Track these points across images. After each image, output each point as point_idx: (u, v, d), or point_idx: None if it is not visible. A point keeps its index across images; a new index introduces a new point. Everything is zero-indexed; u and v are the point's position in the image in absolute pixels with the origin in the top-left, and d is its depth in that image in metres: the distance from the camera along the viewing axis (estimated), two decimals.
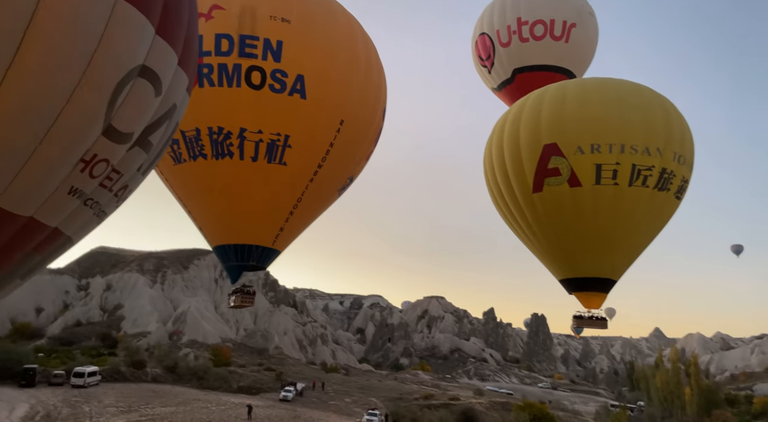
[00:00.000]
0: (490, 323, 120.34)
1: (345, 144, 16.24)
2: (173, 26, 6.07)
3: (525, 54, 29.02)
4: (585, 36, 29.31)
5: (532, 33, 28.60)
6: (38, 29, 4.68)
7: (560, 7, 28.83)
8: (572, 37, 28.60)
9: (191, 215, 17.30)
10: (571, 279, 20.08)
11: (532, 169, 18.25)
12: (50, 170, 5.40)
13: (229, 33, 14.37)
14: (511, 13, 29.29)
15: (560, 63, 29.10)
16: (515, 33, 28.96)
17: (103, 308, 54.85)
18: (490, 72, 31.12)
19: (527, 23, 28.66)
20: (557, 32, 28.47)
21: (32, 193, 5.42)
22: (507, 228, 22.30)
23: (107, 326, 51.07)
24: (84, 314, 52.94)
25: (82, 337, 48.14)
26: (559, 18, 28.49)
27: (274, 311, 63.18)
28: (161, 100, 6.18)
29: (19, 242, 5.73)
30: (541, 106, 18.63)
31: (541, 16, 28.56)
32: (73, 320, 51.95)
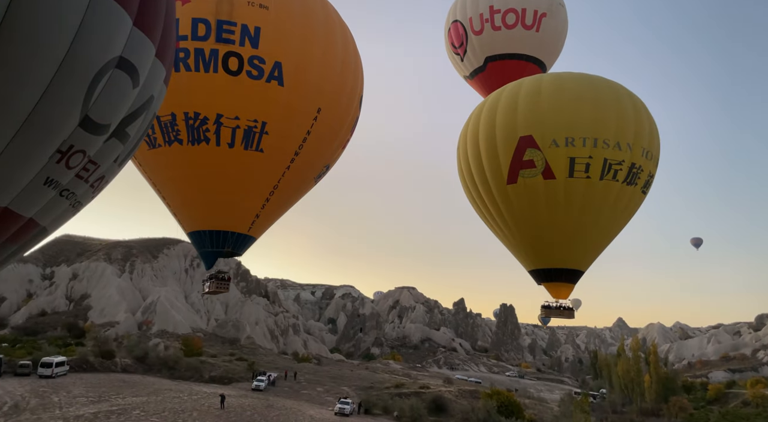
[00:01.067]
0: (460, 313, 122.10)
1: (322, 132, 16.34)
2: (151, 18, 6.06)
3: (497, 42, 29.61)
4: (555, 26, 29.99)
5: (504, 21, 29.19)
6: (15, 19, 4.65)
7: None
8: (543, 27, 29.27)
9: (165, 201, 17.14)
10: (541, 270, 20.45)
11: (508, 161, 18.47)
12: (26, 161, 5.38)
13: (206, 18, 14.25)
14: (484, 1, 29.83)
15: (531, 52, 29.78)
16: (487, 21, 29.52)
17: (69, 298, 53.49)
18: (462, 59, 31.58)
19: (499, 11, 29.27)
20: (528, 21, 29.10)
21: (7, 183, 5.41)
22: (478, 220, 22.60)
23: (73, 316, 49.84)
24: (49, 304, 51.54)
25: (47, 327, 46.86)
26: (530, 7, 29.14)
27: (245, 301, 62.75)
28: (138, 91, 6.19)
29: None
30: (517, 98, 18.85)
31: (512, 5, 29.18)
32: (38, 310, 50.53)
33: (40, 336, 44.67)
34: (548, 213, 18.70)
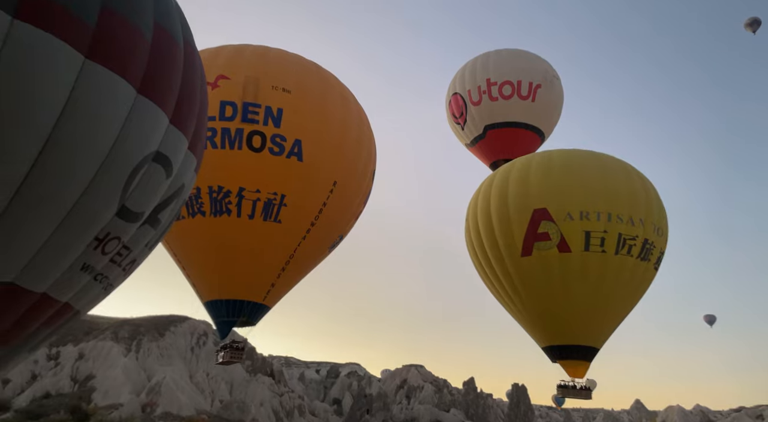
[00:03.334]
0: (471, 393, 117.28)
1: (337, 204, 17.26)
2: (185, 115, 6.64)
3: (495, 111, 31.68)
4: (550, 96, 32.07)
5: (501, 92, 31.32)
6: (65, 123, 5.10)
7: (526, 69, 31.84)
8: (538, 97, 31.30)
9: (185, 271, 17.74)
10: (555, 346, 20.06)
11: (522, 233, 18.56)
12: (67, 249, 5.77)
13: (233, 100, 15.65)
14: (481, 75, 32.27)
15: (528, 120, 31.71)
16: (485, 93, 31.74)
17: (74, 378, 52.32)
18: (463, 128, 33.64)
19: (496, 84, 31.50)
20: (524, 92, 31.16)
21: (48, 270, 5.75)
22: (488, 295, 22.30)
23: (78, 398, 48.38)
24: (53, 385, 50.35)
25: (50, 410, 45.45)
26: (525, 79, 31.29)
27: (250, 381, 61.08)
28: (171, 181, 6.64)
29: (31, 317, 5.99)
30: (529, 172, 19.33)
31: (508, 78, 31.41)
32: (42, 391, 49.30)
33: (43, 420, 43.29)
34: (563, 286, 18.67)
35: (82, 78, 5.20)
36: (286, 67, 16.87)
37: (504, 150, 32.06)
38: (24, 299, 5.71)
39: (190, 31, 7.26)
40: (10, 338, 5.99)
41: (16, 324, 5.88)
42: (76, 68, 5.15)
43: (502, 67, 31.81)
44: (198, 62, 7.36)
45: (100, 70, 5.33)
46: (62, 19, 5.06)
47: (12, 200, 5.07)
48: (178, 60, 6.51)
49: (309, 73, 17.29)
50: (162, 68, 6.14)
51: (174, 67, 6.41)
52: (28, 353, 6.92)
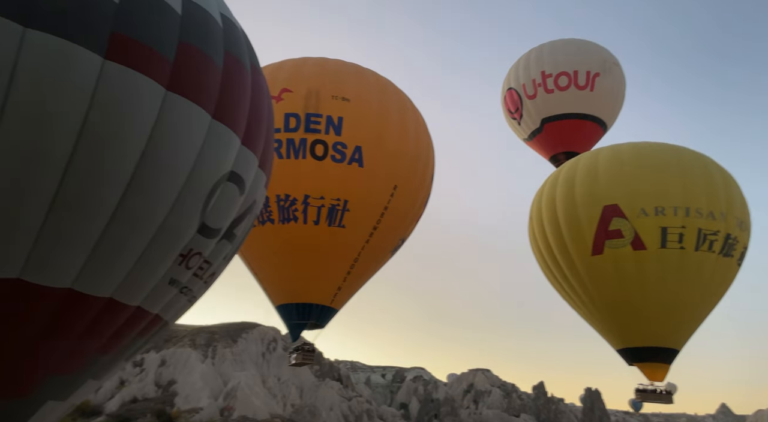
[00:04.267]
0: (541, 398, 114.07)
1: (398, 207, 17.64)
2: (255, 135, 7.11)
3: (551, 104, 30.68)
4: (610, 85, 30.66)
5: (557, 84, 30.32)
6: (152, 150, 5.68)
7: (582, 58, 30.62)
8: (597, 86, 30.01)
9: (257, 277, 18.62)
10: (632, 348, 19.23)
11: (592, 231, 18.04)
12: (156, 265, 6.31)
13: (297, 112, 16.41)
14: (535, 68, 31.39)
15: (587, 111, 30.45)
16: (540, 85, 30.83)
17: (158, 384, 55.70)
18: (519, 123, 32.87)
19: (551, 76, 30.54)
20: (581, 82, 30.00)
21: (141, 285, 6.30)
22: (555, 295, 21.64)
23: (162, 402, 51.56)
24: (140, 390, 53.82)
25: (138, 414, 48.76)
26: (582, 69, 30.14)
27: (319, 385, 62.46)
28: (244, 198, 7.13)
29: (127, 328, 6.55)
30: (596, 167, 18.72)
31: (564, 68, 30.38)
32: (130, 396, 52.85)
33: None
34: (639, 285, 17.97)
35: (165, 108, 5.74)
36: (345, 76, 17.44)
37: (563, 142, 31.16)
38: (121, 312, 6.25)
39: (255, 55, 7.76)
40: (109, 347, 6.53)
41: (115, 334, 6.43)
42: (159, 100, 5.68)
43: (557, 58, 30.88)
44: (263, 84, 7.83)
45: (179, 100, 5.86)
46: (145, 56, 5.60)
47: (110, 222, 5.59)
48: (247, 84, 6.99)
49: (367, 82, 17.80)
50: (233, 93, 6.64)
51: (243, 91, 6.90)
52: (125, 361, 7.53)
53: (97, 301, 5.90)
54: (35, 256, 5.26)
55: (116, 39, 5.39)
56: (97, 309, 5.96)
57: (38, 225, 5.18)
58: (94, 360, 6.48)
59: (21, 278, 5.28)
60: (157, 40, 5.76)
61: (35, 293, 5.41)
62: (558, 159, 31.75)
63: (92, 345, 6.29)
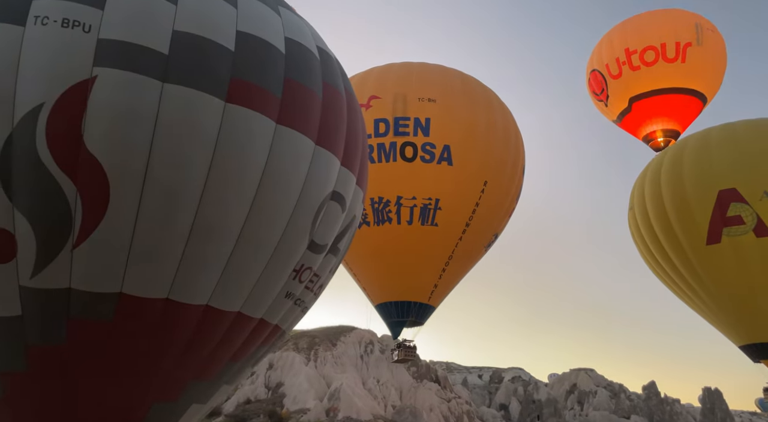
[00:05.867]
0: (653, 399, 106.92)
1: (489, 203, 17.63)
2: (352, 156, 7.72)
3: (638, 81, 28.80)
4: (704, 53, 28.16)
5: (643, 59, 28.39)
6: (268, 177, 6.38)
7: (669, 29, 28.39)
8: (689, 57, 27.75)
9: (356, 278, 19.33)
10: (758, 344, 17.72)
11: (707, 219, 16.91)
12: (275, 281, 6.97)
13: (385, 117, 16.97)
14: (618, 46, 29.57)
15: (680, 84, 28.27)
16: (624, 64, 28.99)
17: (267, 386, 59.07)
18: (606, 105, 31.21)
19: (636, 52, 28.64)
20: (670, 54, 27.90)
21: (263, 299, 6.97)
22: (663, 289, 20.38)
23: (272, 403, 54.76)
24: (252, 392, 57.43)
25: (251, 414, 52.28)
26: (670, 40, 27.98)
27: (418, 387, 63.03)
28: (345, 214, 7.71)
29: (253, 338, 7.25)
30: (708, 149, 17.69)
31: (650, 42, 28.34)
32: (244, 398, 56.57)
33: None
34: (765, 275, 16.59)
35: (276, 140, 6.37)
36: (430, 78, 17.76)
37: (656, 120, 29.19)
38: (248, 324, 6.94)
39: (348, 80, 8.40)
40: (239, 355, 7.23)
41: (244, 344, 7.14)
42: (271, 133, 6.39)
43: (641, 32, 28.90)
44: (357, 106, 8.46)
45: (288, 132, 6.56)
46: (258, 96, 6.31)
47: (236, 245, 6.30)
48: (343, 110, 7.62)
49: (451, 81, 17.99)
50: (332, 120, 7.30)
51: (341, 117, 7.54)
52: (251, 367, 8.32)
53: (228, 315, 6.62)
54: (179, 279, 6.03)
55: (234, 84, 6.13)
56: (229, 322, 6.68)
57: (180, 251, 5.95)
58: (227, 367, 7.21)
59: (169, 298, 6.05)
60: (267, 80, 6.48)
61: (180, 310, 6.17)
62: (651, 138, 29.90)
63: (226, 354, 7.01)
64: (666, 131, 29.70)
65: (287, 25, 7.15)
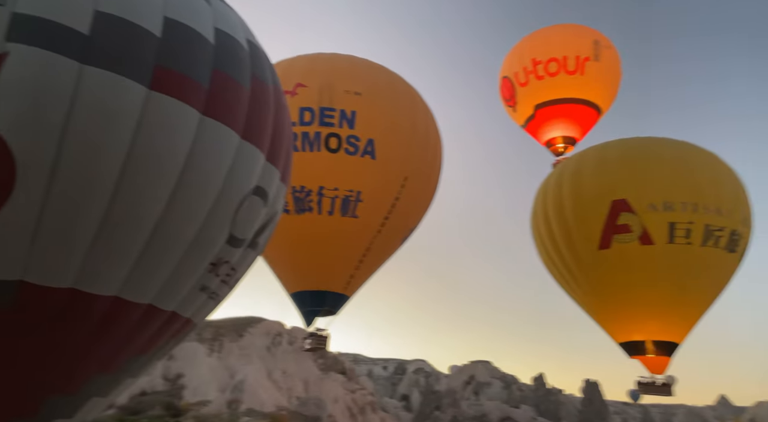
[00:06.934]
0: (541, 390, 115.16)
1: (408, 198, 18.21)
2: (277, 151, 7.66)
3: (542, 90, 31.20)
4: (601, 68, 30.79)
5: (547, 70, 30.72)
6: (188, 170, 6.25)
7: (571, 43, 30.88)
8: (587, 70, 30.24)
9: (271, 265, 19.14)
10: (634, 342, 19.40)
11: (600, 225, 18.17)
12: (190, 274, 6.86)
13: (311, 106, 16.91)
14: (527, 56, 31.89)
15: (578, 95, 30.75)
16: (531, 73, 31.29)
17: (166, 377, 56.39)
18: (515, 111, 33.51)
19: (541, 62, 30.94)
20: (571, 67, 30.21)
21: (176, 292, 6.85)
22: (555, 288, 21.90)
23: (170, 395, 52.25)
24: (148, 383, 54.40)
25: (147, 406, 49.34)
26: (571, 54, 30.34)
27: (324, 378, 63.28)
28: (267, 209, 7.67)
29: (162, 331, 7.10)
30: (605, 161, 18.95)
31: (553, 55, 30.67)
32: (139, 390, 53.32)
33: (141, 416, 46.91)
34: (645, 280, 18.17)
35: (200, 131, 6.25)
36: (357, 71, 17.94)
37: (556, 127, 31.68)
38: (158, 317, 6.78)
39: (276, 75, 8.33)
40: (147, 349, 7.08)
41: (152, 337, 6.98)
42: (195, 124, 6.23)
43: (547, 44, 31.26)
44: (284, 102, 8.44)
45: (213, 124, 6.37)
46: (184, 86, 6.13)
47: (151, 236, 6.12)
48: (270, 105, 7.54)
49: (378, 76, 18.32)
50: (259, 115, 7.21)
51: (268, 111, 7.46)
52: (157, 360, 8.12)
53: (138, 307, 6.44)
54: (88, 268, 5.80)
55: (159, 71, 5.95)
56: (138, 315, 6.50)
57: (89, 240, 5.71)
58: (133, 360, 7.03)
59: (75, 287, 5.80)
60: (194, 70, 6.35)
61: (87, 300, 5.95)
62: (551, 144, 32.24)
63: (133, 347, 6.83)
64: (565, 138, 32.21)
65: (217, 15, 7.04)
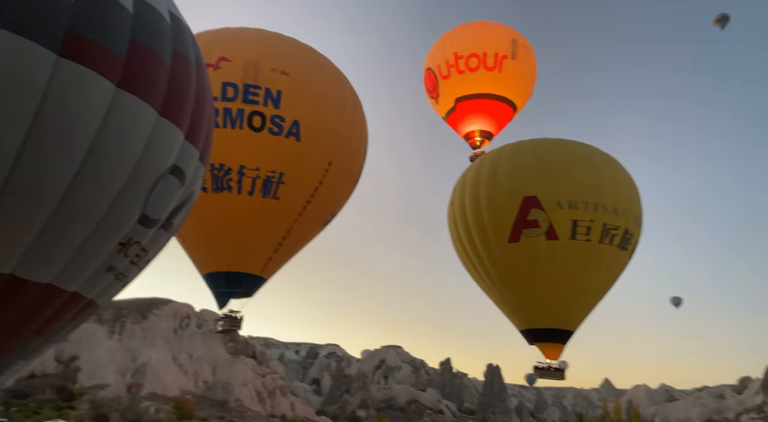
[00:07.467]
0: (447, 373, 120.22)
1: (331, 183, 18.07)
2: (197, 130, 7.39)
3: (463, 84, 32.28)
4: (517, 67, 32.32)
5: (467, 65, 31.83)
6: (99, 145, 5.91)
7: (491, 41, 32.19)
8: (505, 68, 31.66)
9: (184, 245, 18.33)
10: (534, 330, 20.61)
11: (511, 220, 19.07)
12: (96, 254, 6.53)
13: (234, 82, 16.20)
14: (449, 49, 32.89)
15: (496, 91, 32.09)
16: (453, 66, 32.30)
17: (59, 360, 52.46)
18: (437, 102, 34.40)
19: (462, 57, 32.01)
20: (489, 63, 31.49)
21: (80, 272, 6.50)
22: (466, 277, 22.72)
23: (63, 378, 48.76)
24: (38, 365, 50.25)
25: (37, 390, 45.63)
26: (490, 51, 31.63)
27: (233, 362, 61.98)
28: (184, 190, 7.41)
29: (63, 312, 6.74)
30: (519, 159, 19.93)
31: (474, 50, 31.86)
32: (27, 372, 49.32)
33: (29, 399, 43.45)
34: (548, 273, 19.27)
35: (114, 104, 5.91)
36: (284, 50, 17.39)
37: (474, 121, 32.72)
38: (58, 297, 6.44)
39: (199, 51, 8.03)
40: (45, 330, 6.72)
41: (51, 318, 6.61)
42: (109, 96, 5.90)
43: (469, 40, 32.24)
44: (206, 80, 8.14)
45: (129, 98, 6.05)
46: (98, 55, 5.76)
47: (54, 211, 5.77)
48: (192, 81, 7.27)
49: (306, 57, 17.88)
50: (179, 91, 6.92)
51: (188, 88, 7.18)
52: (56, 342, 7.80)
53: (36, 287, 6.08)
54: None
55: (70, 37, 5.58)
56: (36, 294, 6.13)
57: None
58: (28, 341, 6.65)
59: None
60: (110, 39, 5.98)
61: None
62: (470, 137, 33.38)
63: (28, 328, 6.44)
64: (482, 132, 33.48)
65: None
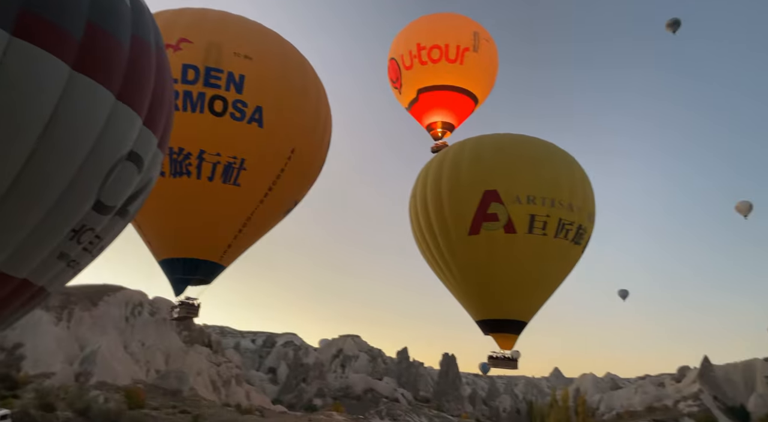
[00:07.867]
0: (403, 363, 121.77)
1: (294, 170, 17.86)
2: (156, 115, 7.25)
3: (425, 75, 32.33)
4: (479, 59, 32.46)
5: (430, 56, 31.82)
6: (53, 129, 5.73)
7: (454, 32, 32.25)
8: (466, 60, 31.75)
9: (140, 230, 17.83)
10: (490, 320, 21.13)
11: (472, 212, 19.44)
12: (47, 241, 6.37)
13: (195, 64, 15.65)
14: (413, 40, 32.85)
15: (457, 83, 32.20)
16: (415, 57, 32.27)
17: (1, 346, 50.12)
18: (400, 93, 34.40)
19: (425, 48, 32.00)
20: (451, 56, 31.49)
21: (29, 259, 6.34)
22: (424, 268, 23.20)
23: (6, 366, 46.62)
24: None
25: None
26: (452, 43, 31.66)
27: (188, 351, 60.73)
28: (141, 176, 7.25)
29: (11, 299, 6.59)
30: (481, 154, 20.26)
31: (436, 42, 31.84)
32: None
33: None
34: (505, 265, 19.73)
35: (69, 87, 5.73)
36: (248, 34, 16.95)
37: (436, 112, 32.86)
38: (7, 284, 6.27)
39: (159, 33, 7.83)
40: None
41: None
42: (64, 79, 5.70)
43: (432, 31, 32.23)
44: (167, 64, 7.94)
45: (85, 80, 5.87)
46: (53, 35, 5.55)
47: (4, 196, 5.60)
48: (152, 66, 7.09)
49: (270, 42, 17.51)
50: (138, 75, 6.74)
51: (148, 73, 7.00)
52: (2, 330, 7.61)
53: None
54: None
55: (24, 16, 5.35)
56: None
57: None
58: None
59: None
60: (66, 19, 5.75)
61: None
62: (432, 128, 33.54)
63: None
64: (444, 123, 33.68)
65: None
